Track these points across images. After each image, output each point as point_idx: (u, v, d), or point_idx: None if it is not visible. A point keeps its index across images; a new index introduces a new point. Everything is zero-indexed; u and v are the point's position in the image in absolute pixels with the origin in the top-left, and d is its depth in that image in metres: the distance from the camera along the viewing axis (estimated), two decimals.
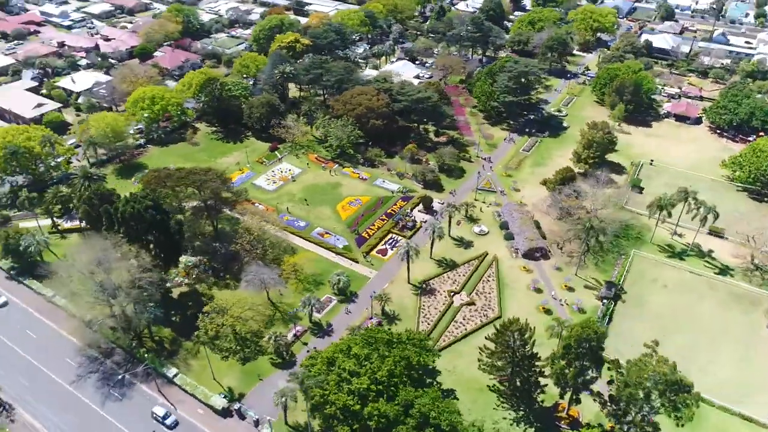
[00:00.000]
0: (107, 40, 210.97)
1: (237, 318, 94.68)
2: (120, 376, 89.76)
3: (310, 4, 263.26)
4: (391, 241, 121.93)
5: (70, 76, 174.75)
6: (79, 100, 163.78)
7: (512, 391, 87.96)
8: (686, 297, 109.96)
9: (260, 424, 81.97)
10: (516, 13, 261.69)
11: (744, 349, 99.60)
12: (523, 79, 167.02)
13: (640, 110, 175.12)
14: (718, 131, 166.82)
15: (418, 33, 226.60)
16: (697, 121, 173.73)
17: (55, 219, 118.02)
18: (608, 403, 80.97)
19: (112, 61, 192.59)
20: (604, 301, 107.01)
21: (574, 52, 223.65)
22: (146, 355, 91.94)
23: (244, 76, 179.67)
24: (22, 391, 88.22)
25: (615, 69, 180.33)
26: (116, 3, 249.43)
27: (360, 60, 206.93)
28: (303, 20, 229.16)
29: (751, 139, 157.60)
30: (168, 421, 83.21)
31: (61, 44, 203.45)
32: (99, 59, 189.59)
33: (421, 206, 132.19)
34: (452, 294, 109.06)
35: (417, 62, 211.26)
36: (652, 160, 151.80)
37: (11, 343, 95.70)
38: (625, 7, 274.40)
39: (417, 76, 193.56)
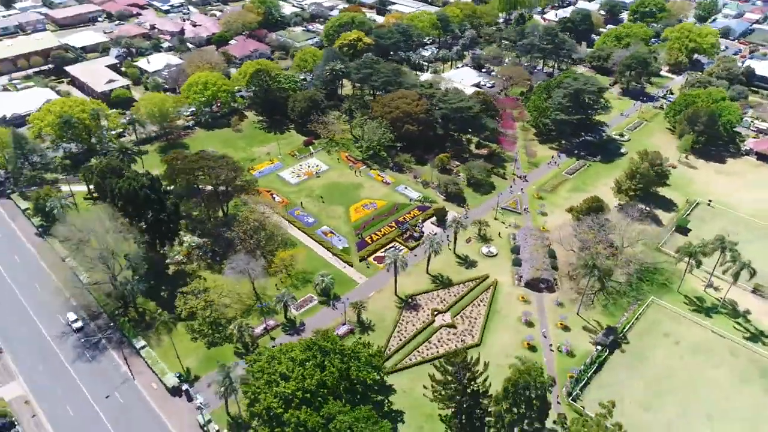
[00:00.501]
0: (195, 25, 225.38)
1: (209, 303, 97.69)
2: (96, 340, 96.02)
3: (394, 3, 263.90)
4: (392, 249, 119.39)
5: (146, 57, 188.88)
6: (149, 80, 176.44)
7: (461, 426, 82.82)
8: (699, 359, 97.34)
9: (200, 409, 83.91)
10: (609, 26, 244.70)
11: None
12: (581, 97, 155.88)
13: (715, 143, 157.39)
14: None
15: (492, 40, 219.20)
16: None
17: (90, 187, 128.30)
18: None
19: (190, 46, 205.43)
20: (599, 347, 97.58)
21: (662, 73, 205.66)
22: (127, 324, 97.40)
23: (304, 69, 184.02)
24: (15, 336, 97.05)
25: (694, 95, 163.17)
26: None
27: (423, 63, 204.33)
28: (381, 19, 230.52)
29: None
30: None
31: (152, 27, 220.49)
32: (179, 43, 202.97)
33: (434, 218, 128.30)
34: (435, 313, 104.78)
35: (483, 70, 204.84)
36: (710, 200, 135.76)
37: (19, 293, 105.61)
38: (738, 29, 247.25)
39: (477, 85, 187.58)
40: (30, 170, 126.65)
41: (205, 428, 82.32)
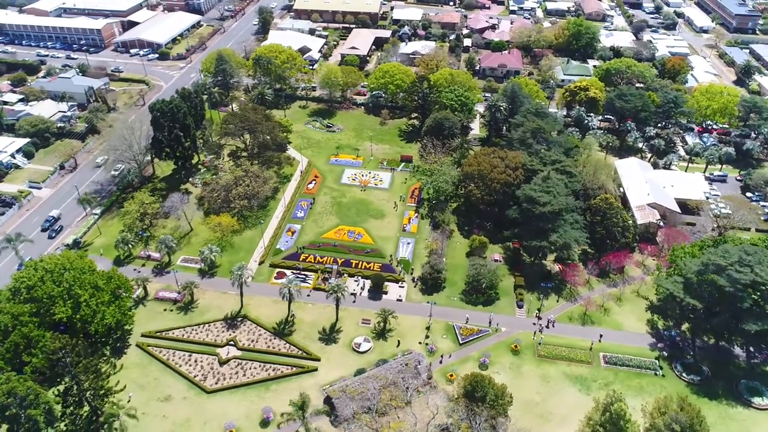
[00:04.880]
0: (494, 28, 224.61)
1: (143, 215, 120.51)
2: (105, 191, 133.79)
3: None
4: (301, 275, 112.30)
5: (409, 40, 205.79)
6: (389, 59, 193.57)
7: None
8: None
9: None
10: None
11: None
12: (719, 284, 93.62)
13: None
14: None
15: None
16: None
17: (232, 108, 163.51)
18: None
19: (467, 42, 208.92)
20: None
21: None
22: (114, 196, 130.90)
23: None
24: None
25: None
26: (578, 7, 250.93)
27: (675, 148, 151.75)
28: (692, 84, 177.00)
29: None
30: None
31: (465, 17, 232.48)
32: (455, 39, 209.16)
33: (369, 283, 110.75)
34: (231, 342, 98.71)
35: (750, 195, 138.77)
36: None
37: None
38: None
39: (694, 209, 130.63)
40: (218, 88, 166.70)
41: None
